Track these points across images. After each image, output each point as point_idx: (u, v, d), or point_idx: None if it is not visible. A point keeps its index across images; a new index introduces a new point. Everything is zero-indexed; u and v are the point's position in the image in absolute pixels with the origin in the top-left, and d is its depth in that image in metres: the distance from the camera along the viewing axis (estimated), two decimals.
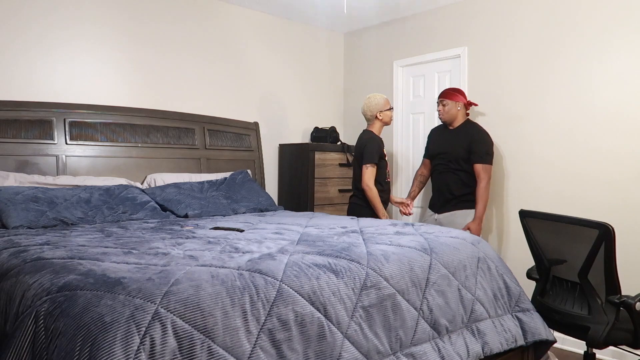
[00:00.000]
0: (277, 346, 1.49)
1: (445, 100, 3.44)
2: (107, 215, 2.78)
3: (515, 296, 2.37)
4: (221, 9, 3.99)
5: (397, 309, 1.85)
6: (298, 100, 4.53)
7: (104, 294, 1.36)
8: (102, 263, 1.66)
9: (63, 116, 3.11)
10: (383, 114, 3.45)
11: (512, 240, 3.47)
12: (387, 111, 3.46)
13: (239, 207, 3.32)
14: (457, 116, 3.44)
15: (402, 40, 4.32)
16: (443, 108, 3.45)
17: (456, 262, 2.17)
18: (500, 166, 3.64)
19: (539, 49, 3.42)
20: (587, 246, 2.16)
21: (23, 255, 1.79)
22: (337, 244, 2.05)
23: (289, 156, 4.27)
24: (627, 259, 2.95)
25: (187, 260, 1.72)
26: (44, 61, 3.14)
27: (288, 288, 1.58)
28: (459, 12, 3.90)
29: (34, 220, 2.53)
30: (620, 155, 3.06)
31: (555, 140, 3.35)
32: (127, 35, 3.48)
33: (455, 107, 3.42)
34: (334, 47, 4.82)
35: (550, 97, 3.38)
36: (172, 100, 3.71)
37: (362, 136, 3.53)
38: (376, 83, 4.53)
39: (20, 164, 2.94)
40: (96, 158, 3.23)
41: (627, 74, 3.03)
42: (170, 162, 3.57)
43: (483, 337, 2.12)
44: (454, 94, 3.44)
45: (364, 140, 3.46)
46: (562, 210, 3.23)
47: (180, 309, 1.35)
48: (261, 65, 4.25)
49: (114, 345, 1.20)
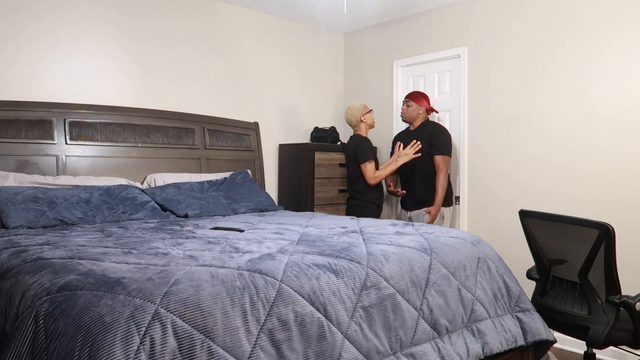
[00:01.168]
0: (277, 346, 1.49)
1: (411, 101, 3.72)
2: (107, 215, 2.78)
3: (515, 296, 2.37)
4: (221, 8, 3.98)
5: (397, 309, 1.84)
6: (298, 100, 4.53)
7: (104, 294, 1.36)
8: (102, 263, 1.66)
9: (63, 116, 3.11)
10: (365, 116, 3.72)
11: (512, 240, 3.47)
12: (367, 114, 3.73)
13: (239, 207, 3.32)
14: (417, 118, 3.72)
15: (402, 40, 4.32)
16: (407, 108, 3.73)
17: (456, 262, 2.17)
18: (499, 166, 3.65)
19: (539, 48, 3.42)
20: (587, 246, 2.16)
21: (23, 255, 1.79)
22: (337, 244, 2.05)
23: (289, 156, 4.27)
24: (627, 259, 2.95)
25: (187, 260, 1.72)
26: (44, 61, 3.14)
27: (288, 288, 1.58)
28: (459, 12, 3.90)
29: (34, 220, 2.53)
30: (620, 155, 3.06)
31: (556, 140, 3.35)
32: (127, 35, 3.48)
33: (417, 110, 3.71)
34: (334, 47, 4.82)
35: (550, 96, 3.38)
36: (172, 100, 3.71)
37: (351, 140, 3.75)
38: (376, 83, 4.53)
39: (20, 164, 2.94)
40: (96, 158, 3.23)
41: (627, 75, 3.03)
42: (170, 162, 3.57)
43: (483, 337, 2.12)
44: (419, 98, 3.73)
45: (356, 142, 3.66)
46: (562, 210, 3.23)
47: (180, 309, 1.35)
48: (261, 65, 4.25)
49: (114, 345, 1.20)
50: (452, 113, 3.98)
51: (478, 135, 3.77)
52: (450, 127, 3.97)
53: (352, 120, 3.74)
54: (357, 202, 3.66)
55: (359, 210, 3.60)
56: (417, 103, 3.70)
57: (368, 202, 3.63)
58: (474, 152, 3.80)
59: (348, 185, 3.82)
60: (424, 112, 3.73)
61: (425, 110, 3.73)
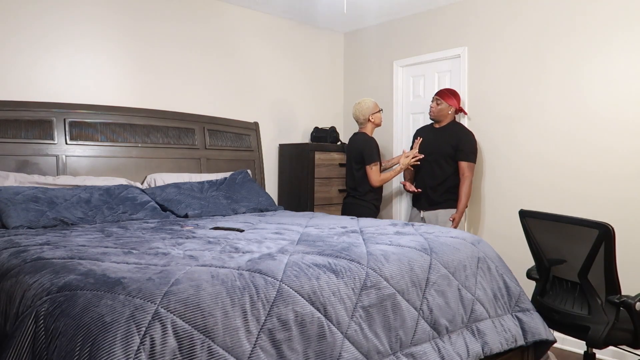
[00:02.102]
0: (277, 346, 1.49)
1: (441, 99, 3.58)
2: (107, 215, 2.78)
3: (515, 296, 2.37)
4: (221, 8, 3.98)
5: (397, 309, 1.85)
6: (298, 100, 4.53)
7: (104, 294, 1.36)
8: (102, 263, 1.66)
9: (63, 116, 3.11)
10: (374, 116, 3.63)
11: (512, 240, 3.47)
12: (377, 113, 3.66)
13: (239, 207, 3.32)
14: (446, 116, 3.59)
15: (402, 40, 4.32)
16: (437, 106, 3.59)
17: (456, 262, 2.17)
18: (500, 166, 3.65)
19: (539, 48, 3.42)
20: (587, 246, 2.16)
21: (23, 255, 1.79)
22: (337, 244, 2.05)
23: (289, 156, 4.27)
24: (627, 259, 2.95)
25: (187, 260, 1.72)
26: (44, 61, 3.14)
27: (288, 288, 1.58)
28: (459, 12, 3.90)
29: (34, 220, 2.53)
30: (621, 155, 3.06)
31: (556, 140, 3.35)
32: (127, 35, 3.48)
33: (447, 109, 3.58)
34: (334, 47, 4.82)
35: (550, 96, 3.38)
36: (173, 100, 3.71)
37: (356, 138, 3.65)
38: (376, 83, 4.53)
39: (20, 164, 2.94)
40: (96, 158, 3.23)
41: (627, 74, 3.03)
42: (170, 162, 3.57)
43: (483, 337, 2.12)
44: (450, 97, 3.59)
45: (361, 142, 3.57)
46: (562, 210, 3.23)
47: (180, 309, 1.35)
48: (261, 65, 4.25)
49: (114, 345, 1.20)
50: None
51: (478, 135, 3.77)
52: None
53: (360, 117, 3.64)
54: (356, 201, 3.60)
55: (358, 209, 3.55)
56: (447, 102, 3.56)
57: (368, 203, 3.59)
58: None
59: (348, 183, 3.73)
60: (453, 112, 3.61)
61: (454, 110, 3.61)
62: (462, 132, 3.54)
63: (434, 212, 3.55)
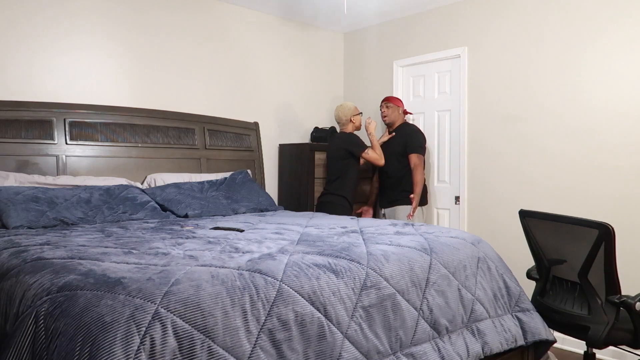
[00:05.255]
0: (277, 346, 1.49)
1: (390, 103, 3.90)
2: (107, 215, 2.78)
3: (515, 296, 2.37)
4: (221, 8, 3.98)
5: (397, 309, 1.85)
6: (298, 100, 4.53)
7: (104, 294, 1.36)
8: (102, 263, 1.66)
9: (63, 116, 3.11)
10: (355, 117, 3.82)
11: (512, 240, 3.47)
12: (358, 115, 3.84)
13: (239, 207, 3.32)
14: (397, 119, 3.90)
15: (402, 40, 4.32)
16: (387, 110, 3.90)
17: (456, 262, 2.17)
18: (500, 165, 3.65)
19: (539, 48, 3.42)
20: (587, 246, 2.16)
21: (23, 255, 1.79)
22: (337, 244, 2.05)
23: (289, 156, 4.27)
24: (627, 259, 2.95)
25: (187, 260, 1.72)
26: (44, 61, 3.14)
27: (288, 288, 1.58)
28: (459, 12, 3.90)
29: (34, 220, 2.53)
30: (621, 155, 3.06)
31: (556, 139, 3.35)
32: (128, 35, 3.48)
33: (396, 111, 3.90)
34: (334, 47, 4.82)
35: (550, 96, 3.38)
36: (173, 100, 3.71)
37: (339, 135, 3.83)
38: (376, 83, 4.53)
39: (20, 164, 2.94)
40: (96, 158, 3.23)
41: (627, 73, 3.03)
42: (170, 162, 3.57)
43: (483, 337, 2.12)
44: (396, 100, 3.93)
45: (345, 138, 3.74)
46: (562, 210, 3.23)
47: (181, 309, 1.35)
48: (261, 65, 4.25)
49: (114, 345, 1.20)
50: (452, 113, 3.98)
51: (478, 135, 3.78)
52: (450, 127, 3.98)
53: (341, 118, 3.81)
54: (333, 199, 3.67)
55: (334, 207, 3.61)
56: (396, 104, 3.88)
57: (345, 200, 3.66)
58: (474, 152, 3.81)
59: (327, 181, 3.82)
60: (402, 114, 3.93)
61: (402, 111, 3.93)
62: (409, 130, 3.84)
63: (393, 209, 3.79)
